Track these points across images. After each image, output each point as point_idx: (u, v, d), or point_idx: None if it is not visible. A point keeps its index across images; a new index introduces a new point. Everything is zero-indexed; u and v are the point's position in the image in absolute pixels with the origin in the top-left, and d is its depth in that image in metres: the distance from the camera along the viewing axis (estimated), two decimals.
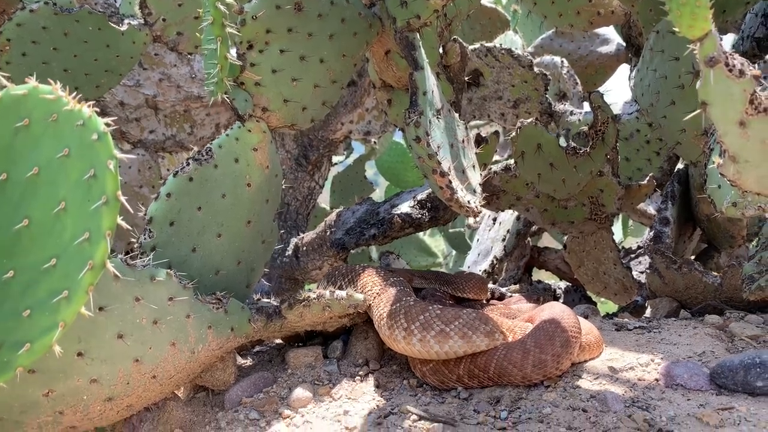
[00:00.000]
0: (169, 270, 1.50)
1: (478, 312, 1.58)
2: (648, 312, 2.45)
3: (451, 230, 5.10)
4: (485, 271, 3.00)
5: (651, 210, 3.48)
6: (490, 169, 2.48)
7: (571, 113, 3.16)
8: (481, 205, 1.88)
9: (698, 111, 0.99)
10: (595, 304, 3.13)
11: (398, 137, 5.83)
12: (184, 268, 1.69)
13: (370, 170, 5.50)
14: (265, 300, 2.02)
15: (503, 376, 1.54)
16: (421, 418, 1.47)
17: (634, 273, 3.37)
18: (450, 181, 1.71)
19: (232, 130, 1.77)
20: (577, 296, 3.64)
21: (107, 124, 0.92)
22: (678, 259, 2.25)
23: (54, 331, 0.96)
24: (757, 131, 0.99)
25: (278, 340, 2.15)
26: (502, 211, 2.61)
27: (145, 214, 1.66)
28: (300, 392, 1.64)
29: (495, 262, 2.99)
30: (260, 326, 1.75)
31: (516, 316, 1.90)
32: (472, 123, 3.81)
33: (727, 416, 1.34)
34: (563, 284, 3.90)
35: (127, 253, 1.90)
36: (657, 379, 1.53)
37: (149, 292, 1.45)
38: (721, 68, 0.97)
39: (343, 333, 1.89)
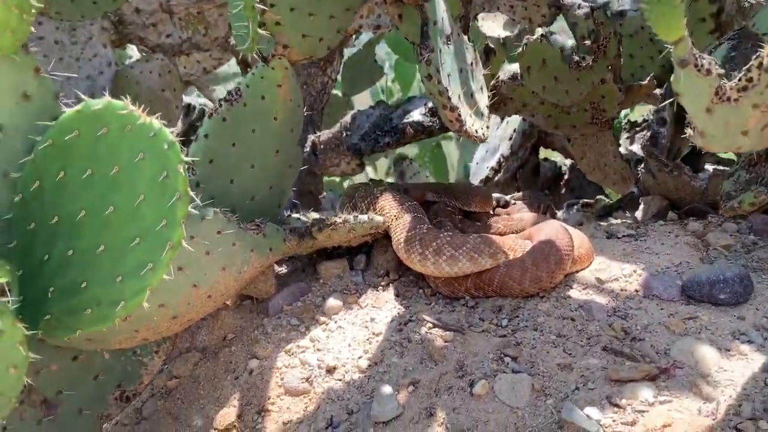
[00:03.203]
0: (216, 210, 1.72)
1: (483, 236, 1.82)
2: (640, 209, 2.67)
3: None
4: (492, 168, 3.20)
5: None
6: (498, 77, 2.61)
7: (579, 6, 3.19)
8: (486, 127, 2.07)
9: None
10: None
11: None
12: (225, 198, 1.92)
13: (380, 50, 5.50)
14: (295, 215, 2.27)
15: (504, 289, 1.80)
16: (435, 326, 1.76)
17: (636, 147, 3.55)
18: (459, 115, 1.88)
19: (257, 69, 1.92)
20: (581, 174, 3.82)
21: (175, 134, 1.10)
22: (670, 163, 2.44)
23: (144, 294, 1.21)
24: (722, 116, 1.15)
25: None
26: (509, 116, 2.76)
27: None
28: (332, 302, 1.93)
29: (501, 160, 3.19)
30: (294, 244, 2.00)
31: (518, 227, 2.14)
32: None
33: (690, 325, 1.61)
34: (569, 162, 4.10)
35: None
36: (637, 290, 1.79)
37: (201, 230, 1.68)
38: (691, 68, 1.12)
39: (365, 246, 2.14)
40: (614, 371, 1.47)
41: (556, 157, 4.27)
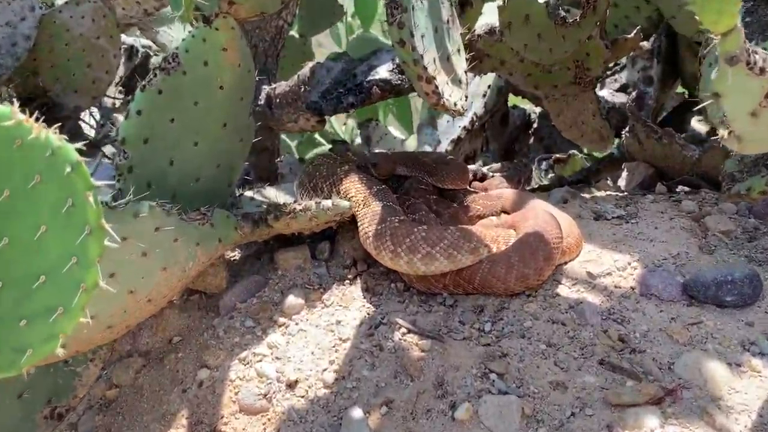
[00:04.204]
0: (152, 204, 1.45)
1: (462, 229, 1.60)
2: (623, 176, 2.49)
3: None
4: (464, 127, 2.96)
5: None
6: (474, 31, 2.34)
7: None
8: (465, 98, 1.83)
9: (708, 102, 0.93)
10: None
11: None
12: (164, 182, 1.66)
13: None
14: (248, 194, 2.02)
15: (487, 287, 1.60)
16: (410, 331, 1.56)
17: (606, 92, 3.34)
18: (436, 86, 1.63)
19: (198, 31, 1.62)
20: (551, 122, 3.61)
21: (79, 150, 0.83)
22: (659, 129, 2.24)
23: (56, 341, 0.97)
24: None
25: None
26: (484, 74, 2.51)
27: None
28: (293, 299, 1.70)
29: (474, 119, 2.94)
30: (247, 232, 1.76)
31: (498, 206, 1.93)
32: None
33: (695, 332, 1.45)
34: (538, 110, 3.89)
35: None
36: (633, 287, 1.61)
37: (135, 229, 1.42)
38: (742, 66, 0.89)
39: (329, 230, 1.91)
40: (614, 395, 1.30)
41: (526, 104, 4.05)
